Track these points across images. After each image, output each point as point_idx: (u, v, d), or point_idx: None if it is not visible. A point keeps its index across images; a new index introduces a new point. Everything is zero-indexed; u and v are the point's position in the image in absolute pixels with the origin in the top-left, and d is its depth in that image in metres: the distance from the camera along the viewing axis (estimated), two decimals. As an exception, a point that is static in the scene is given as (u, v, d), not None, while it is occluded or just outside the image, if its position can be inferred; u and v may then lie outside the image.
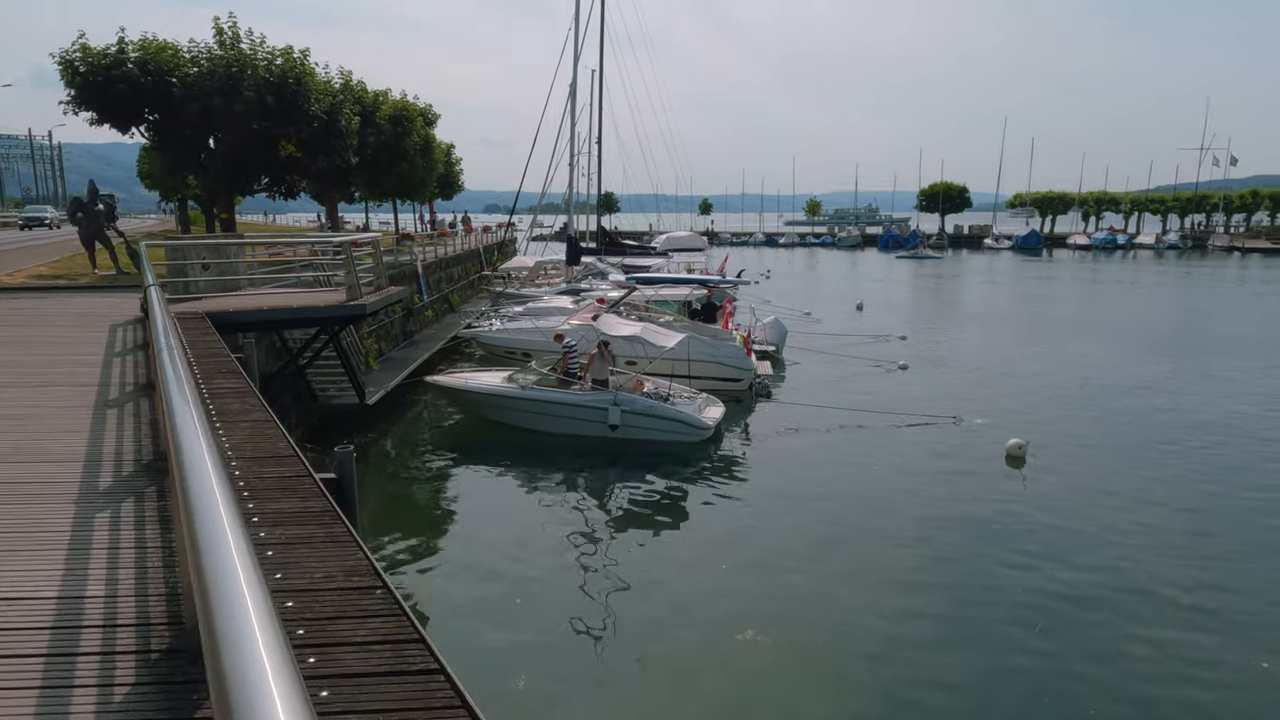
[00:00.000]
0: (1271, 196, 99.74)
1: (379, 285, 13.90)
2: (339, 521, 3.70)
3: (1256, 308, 40.84)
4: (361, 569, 3.18)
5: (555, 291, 31.89)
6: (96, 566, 3.37)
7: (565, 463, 15.97)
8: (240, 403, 5.99)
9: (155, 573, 3.32)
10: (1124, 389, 21.42)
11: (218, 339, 9.06)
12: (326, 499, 4.01)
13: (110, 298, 13.84)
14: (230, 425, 5.34)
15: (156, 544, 3.61)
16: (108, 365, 8.01)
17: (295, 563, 3.23)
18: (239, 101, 19.13)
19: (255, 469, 4.45)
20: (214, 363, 7.57)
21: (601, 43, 37.13)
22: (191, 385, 3.28)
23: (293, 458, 4.70)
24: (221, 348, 8.47)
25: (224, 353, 8.19)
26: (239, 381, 6.81)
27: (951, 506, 13.37)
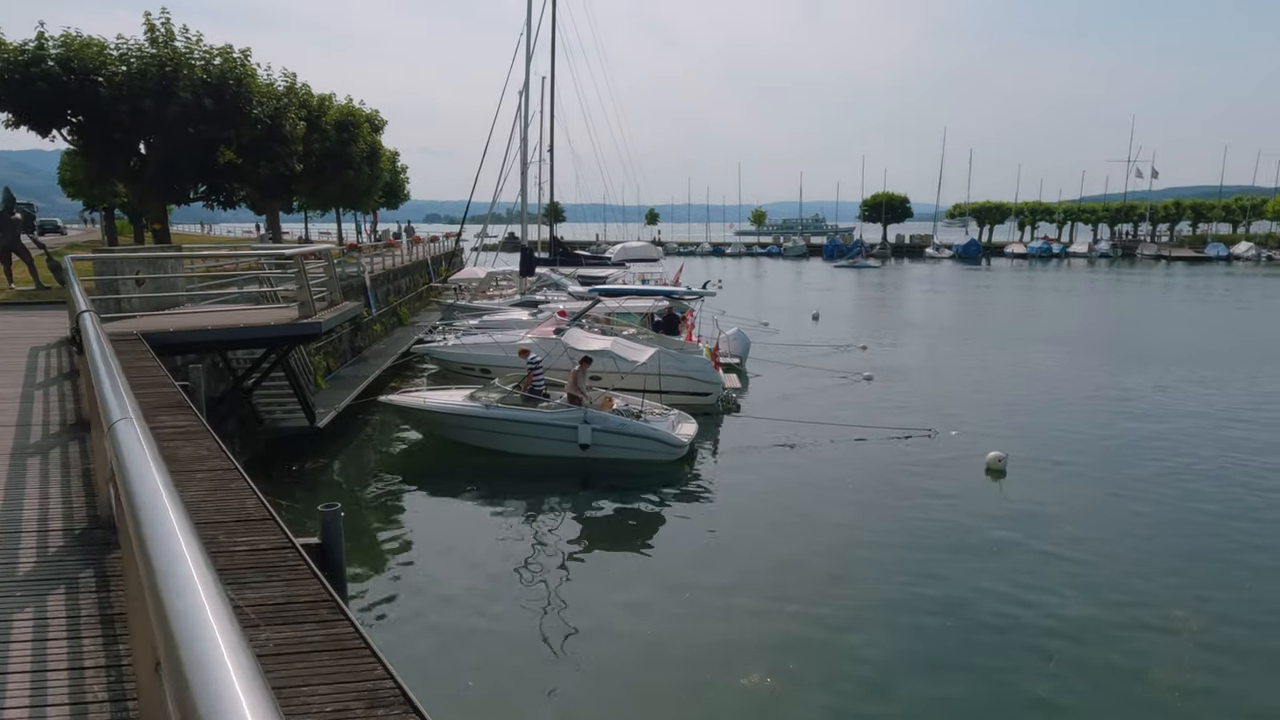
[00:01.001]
0: (1192, 207, 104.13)
1: (333, 300, 12.90)
2: (339, 616, 2.89)
3: (1194, 315, 42.10)
4: (386, 694, 2.39)
5: (509, 303, 30.95)
6: (14, 696, 2.50)
7: (533, 485, 15.14)
8: (193, 446, 5.08)
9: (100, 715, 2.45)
10: (1088, 397, 21.52)
11: (157, 364, 8.03)
12: (317, 579, 3.19)
13: (29, 316, 12.55)
14: (184, 477, 4.45)
15: (98, 659, 2.74)
16: (28, 400, 6.94)
17: (291, 686, 2.43)
18: (173, 103, 17.77)
19: (222, 537, 3.59)
20: (156, 395, 6.60)
21: (553, 51, 36.42)
22: (146, 436, 2.46)
23: (267, 521, 3.85)
24: (163, 376, 7.47)
25: (166, 381, 7.21)
26: (188, 418, 5.87)
27: (936, 523, 12.95)
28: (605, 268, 35.68)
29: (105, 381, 2.23)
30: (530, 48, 31.80)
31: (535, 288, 32.54)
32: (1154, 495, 14.03)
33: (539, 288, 32.56)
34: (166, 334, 10.15)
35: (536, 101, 36.19)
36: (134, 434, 1.77)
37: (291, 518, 13.14)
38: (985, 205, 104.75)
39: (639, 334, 21.94)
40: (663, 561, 11.98)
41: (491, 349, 20.98)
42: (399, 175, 47.96)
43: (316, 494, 14.92)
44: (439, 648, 9.32)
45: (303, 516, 13.66)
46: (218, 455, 4.88)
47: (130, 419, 1.74)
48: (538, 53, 34.73)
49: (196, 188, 21.72)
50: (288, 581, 3.16)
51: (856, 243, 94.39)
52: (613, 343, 16.59)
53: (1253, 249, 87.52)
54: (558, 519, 13.60)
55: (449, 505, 14.53)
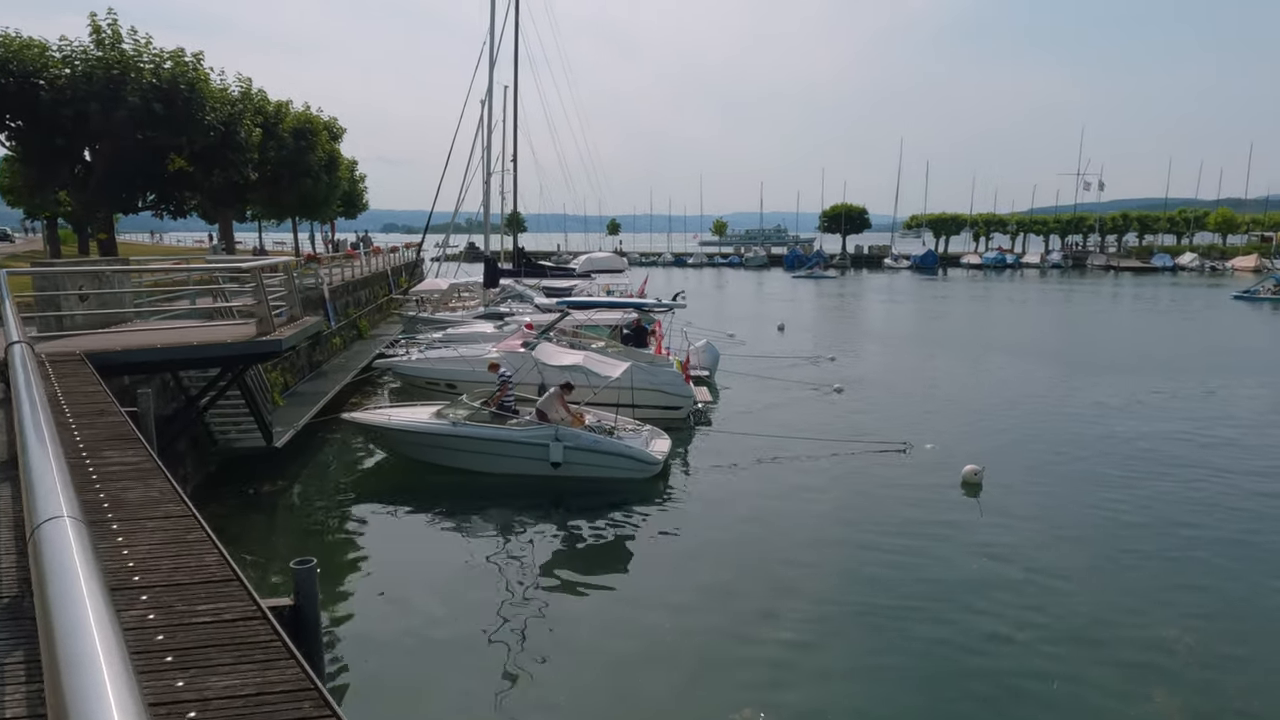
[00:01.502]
0: (1138, 219, 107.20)
1: (292, 315, 12.28)
2: (326, 714, 2.43)
3: (1147, 325, 43.00)
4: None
5: (473, 316, 30.34)
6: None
7: (503, 505, 14.61)
8: (142, 487, 4.53)
9: None
10: (1058, 408, 21.62)
11: (101, 389, 7.40)
12: (296, 664, 2.71)
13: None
14: (132, 526, 3.93)
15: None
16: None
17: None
18: (120, 108, 16.88)
19: (181, 606, 3.10)
20: (101, 425, 6.01)
21: (516, 60, 35.96)
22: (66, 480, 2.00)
23: (231, 583, 3.36)
24: (108, 402, 6.86)
25: (112, 409, 6.60)
26: (137, 452, 5.31)
27: (916, 540, 12.74)
28: (570, 279, 35.22)
29: (34, 466, 1.76)
30: (493, 56, 31.33)
31: (499, 299, 31.98)
32: (1131, 509, 14.00)
33: (503, 299, 32.01)
34: (113, 354, 9.47)
35: (499, 110, 35.72)
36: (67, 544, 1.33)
37: (248, 550, 12.44)
38: (941, 216, 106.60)
39: (608, 347, 21.54)
40: (638, 584, 11.58)
41: (457, 363, 20.39)
42: (357, 184, 46.92)
43: (274, 518, 14.22)
44: (407, 677, 8.77)
45: (261, 545, 12.99)
46: (171, 499, 4.35)
47: (64, 519, 1.32)
48: (501, 62, 34.27)
49: (145, 196, 20.74)
50: (261, 664, 2.69)
51: (816, 253, 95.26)
52: (584, 357, 16.14)
53: (1197, 259, 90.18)
54: (529, 541, 13.10)
55: (415, 528, 13.93)
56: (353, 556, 12.68)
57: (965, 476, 15.07)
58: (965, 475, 15.08)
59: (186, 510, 4.16)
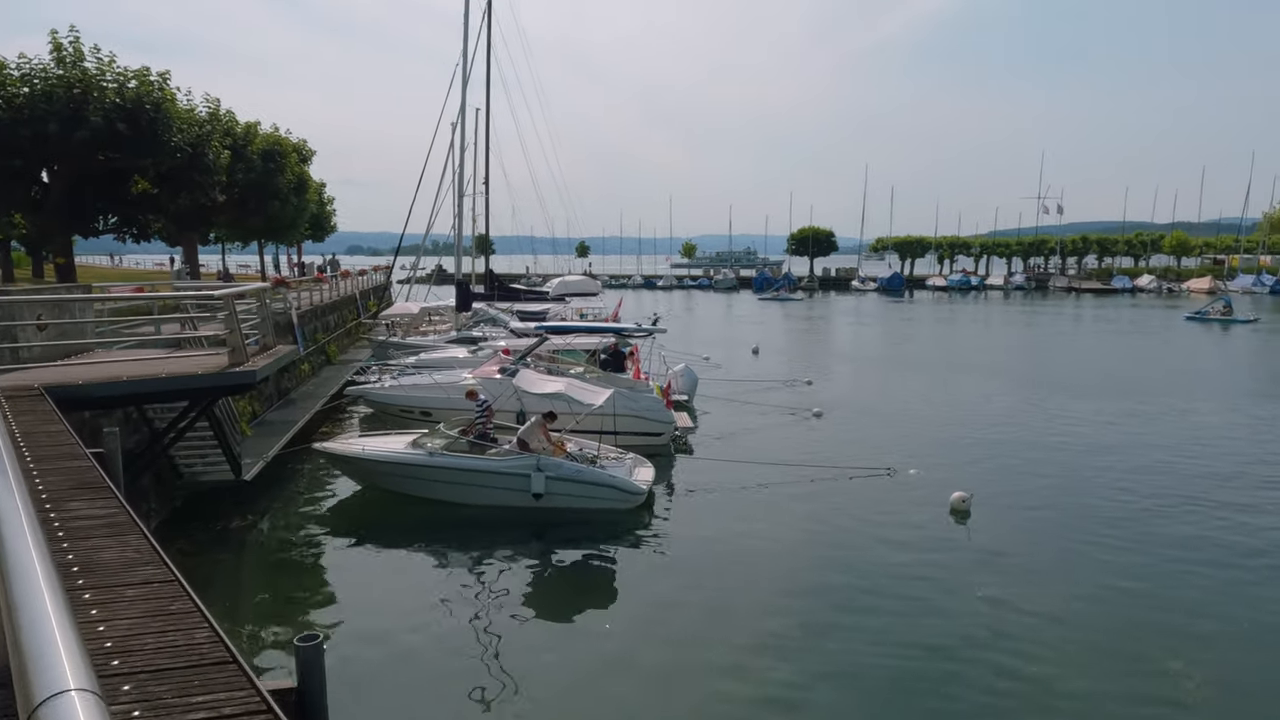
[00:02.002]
0: (1098, 241, 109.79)
1: (265, 343, 11.77)
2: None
3: (1114, 346, 43.66)
4: None
5: (445, 340, 29.79)
6: None
7: (483, 538, 14.15)
8: (117, 546, 4.10)
9: None
10: (1040, 431, 21.62)
11: (64, 429, 6.90)
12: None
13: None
14: (108, 595, 3.50)
15: None
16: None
17: None
18: (82, 128, 16.25)
19: (172, 697, 2.70)
20: (65, 471, 5.53)
21: (488, 82, 35.75)
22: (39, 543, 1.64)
23: (227, 665, 2.96)
24: (71, 444, 6.37)
25: (76, 452, 6.12)
26: (107, 503, 4.86)
27: (906, 570, 12.52)
28: (544, 302, 34.84)
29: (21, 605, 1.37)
30: (466, 75, 31.07)
31: (471, 323, 31.46)
32: (1120, 535, 13.91)
33: (475, 323, 31.49)
34: (74, 388, 8.93)
35: (471, 132, 35.40)
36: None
37: (217, 593, 11.81)
38: (906, 239, 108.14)
39: (587, 372, 21.18)
40: (624, 620, 11.21)
41: (432, 390, 19.87)
42: (325, 207, 46.16)
43: (244, 555, 13.59)
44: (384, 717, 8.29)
45: (230, 585, 12.36)
46: (150, 559, 3.92)
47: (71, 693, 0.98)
48: (473, 84, 34.01)
49: (106, 219, 20.00)
50: (271, 775, 2.31)
51: (785, 275, 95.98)
52: (566, 385, 15.75)
53: (1154, 281, 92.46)
54: (510, 575, 12.65)
55: (391, 563, 13.39)
56: (326, 593, 12.12)
57: (953, 504, 14.91)
58: (953, 502, 14.92)
59: (168, 574, 3.74)
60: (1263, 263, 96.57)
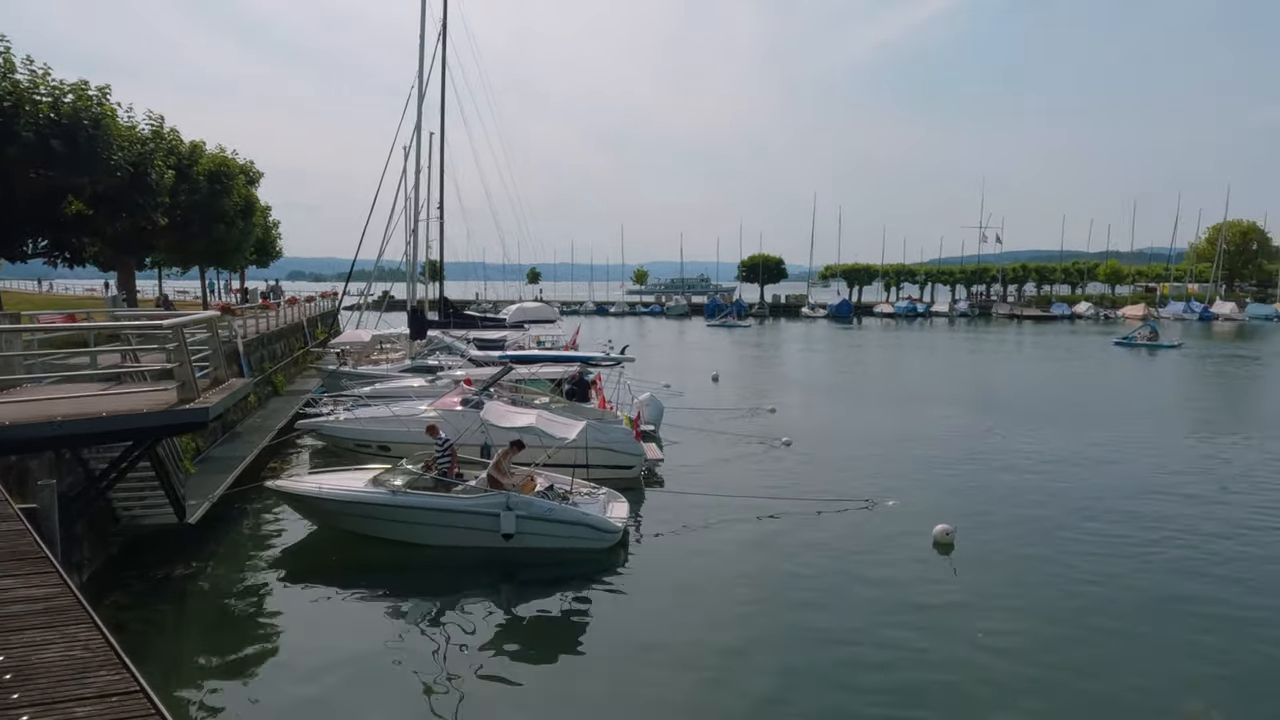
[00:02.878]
0: (1036, 270, 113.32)
1: (216, 376, 10.85)
2: None
3: (1063, 372, 44.55)
4: None
5: (399, 369, 28.75)
6: None
7: (449, 582, 13.35)
8: (63, 643, 3.33)
9: None
10: (1012, 459, 21.53)
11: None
12: None
13: None
14: (51, 713, 2.76)
15: None
16: None
17: None
18: (12, 144, 15.02)
19: None
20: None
21: (443, 105, 35.04)
22: None
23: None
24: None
25: (4, 510, 5.26)
26: (45, 579, 4.06)
27: (892, 607, 12.10)
28: (501, 329, 34.01)
29: None
30: (421, 94, 30.35)
31: (426, 352, 30.45)
32: (1108, 564, 13.71)
33: (431, 352, 30.49)
34: (1, 429, 7.95)
35: (425, 157, 34.57)
36: None
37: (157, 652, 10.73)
38: (854, 267, 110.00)
39: (553, 403, 20.48)
40: (599, 668, 10.60)
41: (390, 423, 18.89)
42: (270, 231, 44.61)
43: (186, 607, 12.47)
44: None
45: (170, 642, 11.27)
46: (105, 659, 3.17)
47: None
48: (427, 107, 33.29)
49: (35, 242, 18.63)
50: None
51: (736, 302, 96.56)
52: (537, 417, 15.02)
53: (1091, 308, 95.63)
54: (478, 621, 11.87)
55: (351, 611, 12.41)
56: (278, 647, 11.13)
57: (937, 537, 14.57)
58: (937, 535, 14.58)
59: (131, 681, 3.00)
60: (1191, 290, 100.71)
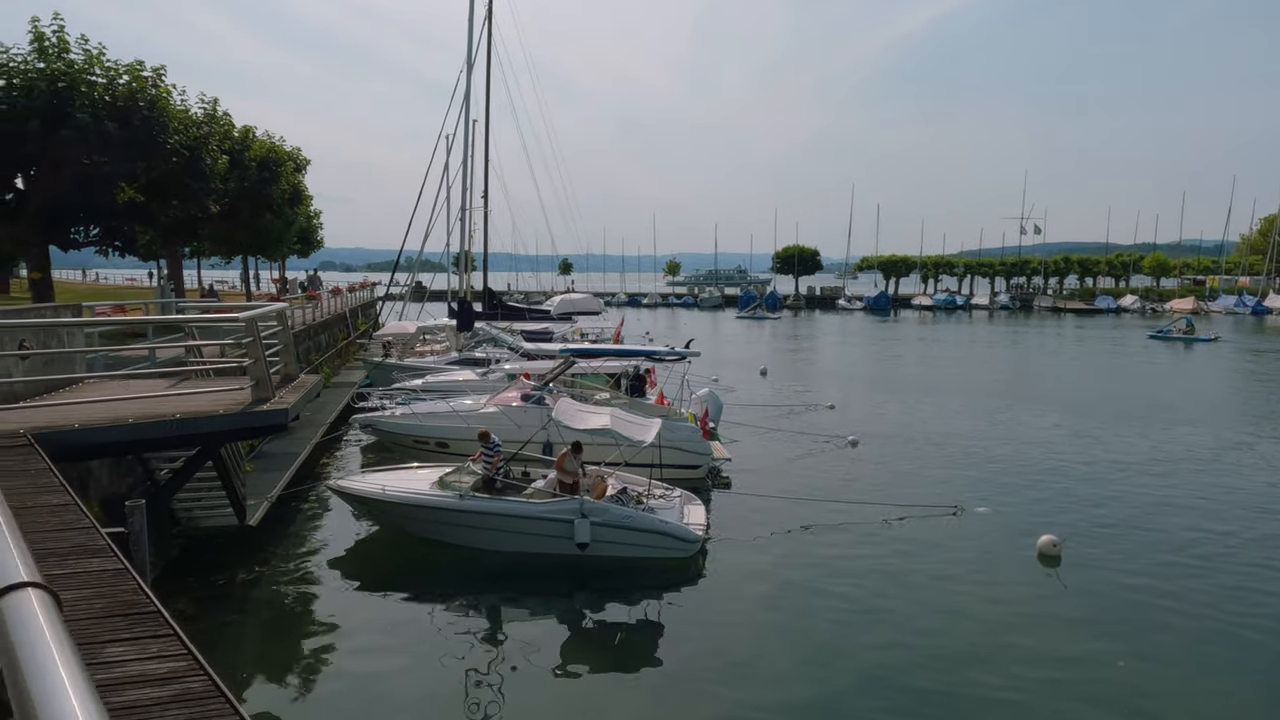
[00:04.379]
0: (1079, 262, 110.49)
1: (287, 372, 10.12)
2: None
3: (1125, 367, 42.88)
4: None
5: (446, 362, 28.11)
6: None
7: (516, 591, 12.63)
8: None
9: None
10: (1095, 462, 20.28)
11: (69, 501, 5.23)
12: None
13: None
14: None
15: None
16: None
17: None
18: (67, 127, 14.42)
19: None
20: (87, 580, 3.89)
21: (488, 94, 34.26)
22: None
23: None
24: (84, 526, 4.72)
25: (93, 541, 4.47)
26: (163, 644, 3.24)
27: (1003, 629, 11.13)
28: (548, 321, 33.25)
29: None
30: (468, 87, 29.59)
31: (473, 344, 29.80)
32: (1234, 589, 12.58)
33: (477, 344, 29.84)
34: (68, 433, 7.24)
35: (469, 147, 33.83)
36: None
37: (226, 660, 10.04)
38: (891, 258, 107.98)
39: (614, 398, 19.65)
40: (682, 685, 9.81)
41: (449, 419, 18.15)
42: (312, 220, 44.14)
43: (251, 614, 11.81)
44: None
45: (237, 650, 10.60)
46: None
47: None
48: (471, 97, 32.55)
49: (88, 230, 18.10)
50: None
51: (770, 294, 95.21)
52: (611, 418, 14.15)
53: (1138, 301, 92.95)
54: (548, 632, 11.24)
55: (417, 617, 11.69)
56: (343, 654, 10.44)
57: (1042, 548, 13.51)
58: (1042, 547, 13.52)
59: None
60: (1242, 283, 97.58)
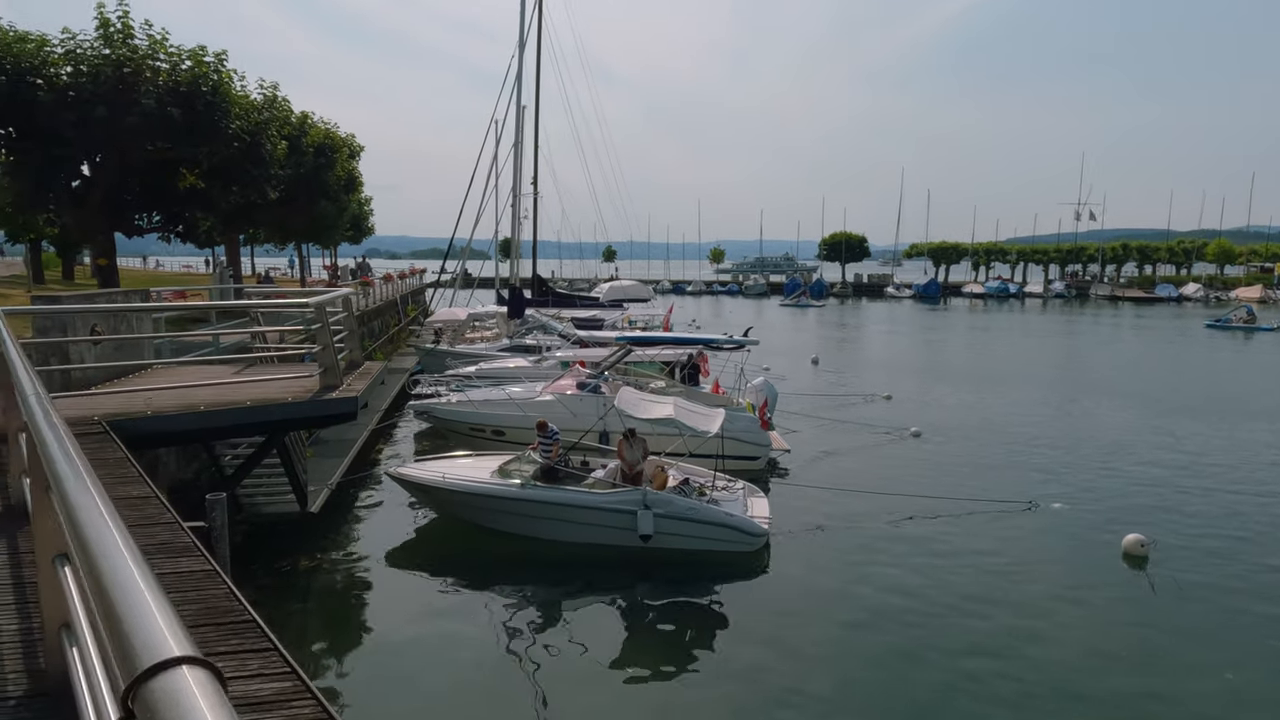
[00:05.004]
0: (1139, 249, 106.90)
1: (352, 359, 9.95)
2: None
3: (1190, 358, 41.26)
4: None
5: (497, 349, 28.03)
6: None
7: (576, 581, 12.42)
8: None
9: None
10: (1170, 456, 19.36)
11: (150, 494, 5.04)
12: None
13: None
14: None
15: None
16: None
17: None
18: (132, 112, 14.48)
19: None
20: (175, 583, 3.66)
21: (538, 78, 33.98)
22: None
23: None
24: (167, 520, 4.51)
25: (177, 538, 4.26)
26: (264, 658, 2.97)
27: (1091, 632, 10.57)
28: (598, 308, 33.00)
29: None
30: (519, 71, 29.33)
31: (524, 331, 29.68)
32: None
33: (528, 331, 29.71)
34: (141, 420, 7.10)
35: (515, 133, 33.62)
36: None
37: (299, 648, 9.96)
38: (941, 245, 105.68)
39: (670, 387, 19.31)
40: (751, 681, 9.40)
41: (505, 406, 17.99)
42: (364, 207, 44.48)
43: (316, 601, 11.76)
44: None
45: (304, 635, 10.53)
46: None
47: None
48: (514, 85, 32.32)
49: (149, 217, 18.26)
50: None
51: (816, 281, 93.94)
52: (674, 407, 13.80)
53: (1201, 289, 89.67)
54: (613, 627, 10.99)
55: (479, 605, 11.50)
56: (409, 650, 10.27)
57: (1128, 548, 12.84)
58: (1128, 547, 12.85)
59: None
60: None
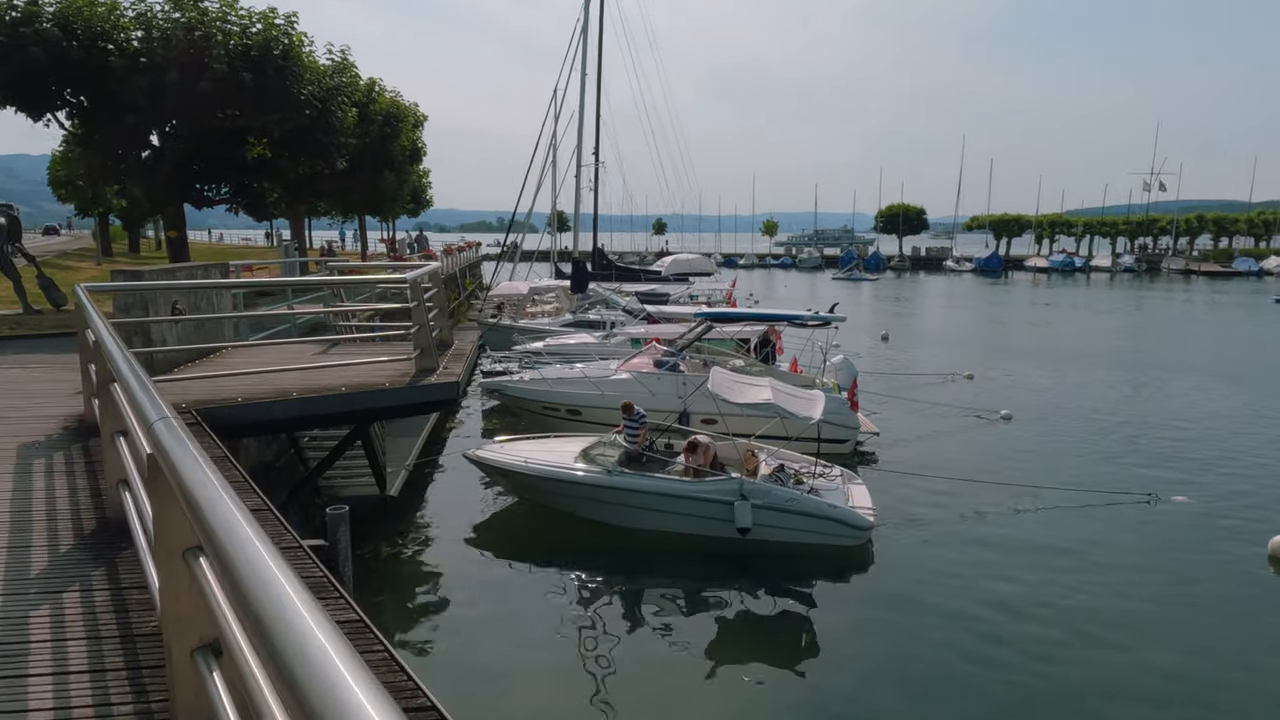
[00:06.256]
0: (1215, 221, 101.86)
1: (443, 339, 9.27)
2: None
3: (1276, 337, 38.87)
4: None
5: (559, 324, 27.39)
6: None
7: (667, 571, 11.67)
8: None
9: None
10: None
11: (259, 501, 4.37)
12: None
13: (13, 362, 8.83)
14: None
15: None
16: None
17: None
18: (205, 78, 13.93)
19: None
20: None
21: (601, 48, 32.89)
22: None
23: None
24: (279, 532, 3.82)
25: (297, 554, 3.56)
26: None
27: (1242, 646, 9.51)
28: (663, 282, 32.12)
29: None
30: (584, 40, 28.34)
31: (587, 306, 28.97)
32: None
33: (590, 305, 29.00)
34: (234, 408, 6.49)
35: (579, 104, 32.66)
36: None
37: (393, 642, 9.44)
38: (1003, 217, 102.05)
39: (749, 365, 18.46)
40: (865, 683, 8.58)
41: (580, 385, 17.30)
42: (423, 179, 44.03)
43: (404, 591, 11.23)
44: None
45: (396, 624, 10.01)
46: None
47: None
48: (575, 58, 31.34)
49: (219, 188, 17.85)
50: None
51: (874, 254, 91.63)
52: (773, 391, 12.91)
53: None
54: (709, 622, 10.26)
55: (566, 602, 10.83)
56: (499, 641, 9.69)
57: (1274, 550, 11.69)
58: (1274, 548, 11.70)
59: None
60: None
